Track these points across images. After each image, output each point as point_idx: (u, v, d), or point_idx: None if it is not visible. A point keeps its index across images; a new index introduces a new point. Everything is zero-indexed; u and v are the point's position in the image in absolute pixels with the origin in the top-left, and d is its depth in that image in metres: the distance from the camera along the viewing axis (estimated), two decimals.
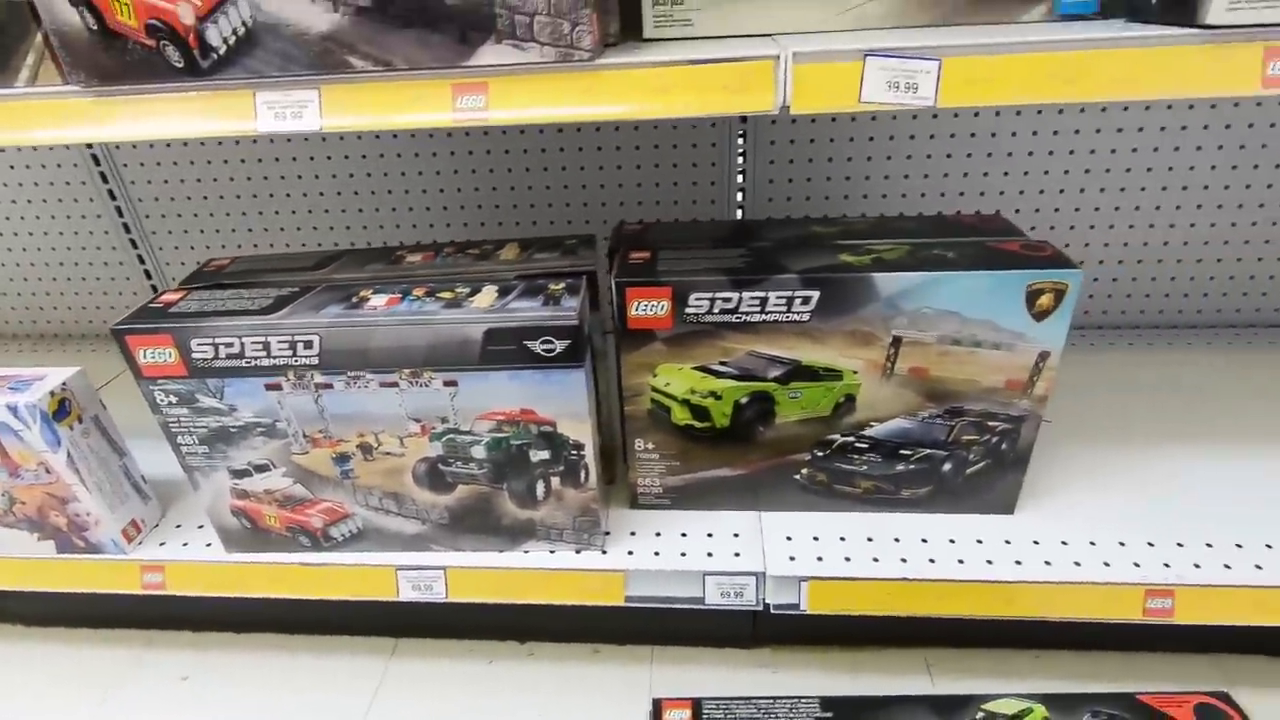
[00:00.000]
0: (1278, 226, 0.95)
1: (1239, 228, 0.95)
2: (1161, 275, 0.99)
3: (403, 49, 0.51)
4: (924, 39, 0.52)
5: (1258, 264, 0.98)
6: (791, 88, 0.50)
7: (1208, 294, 1.00)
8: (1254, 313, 1.02)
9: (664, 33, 0.61)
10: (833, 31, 0.59)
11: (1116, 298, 1.02)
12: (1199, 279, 0.99)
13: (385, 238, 1.03)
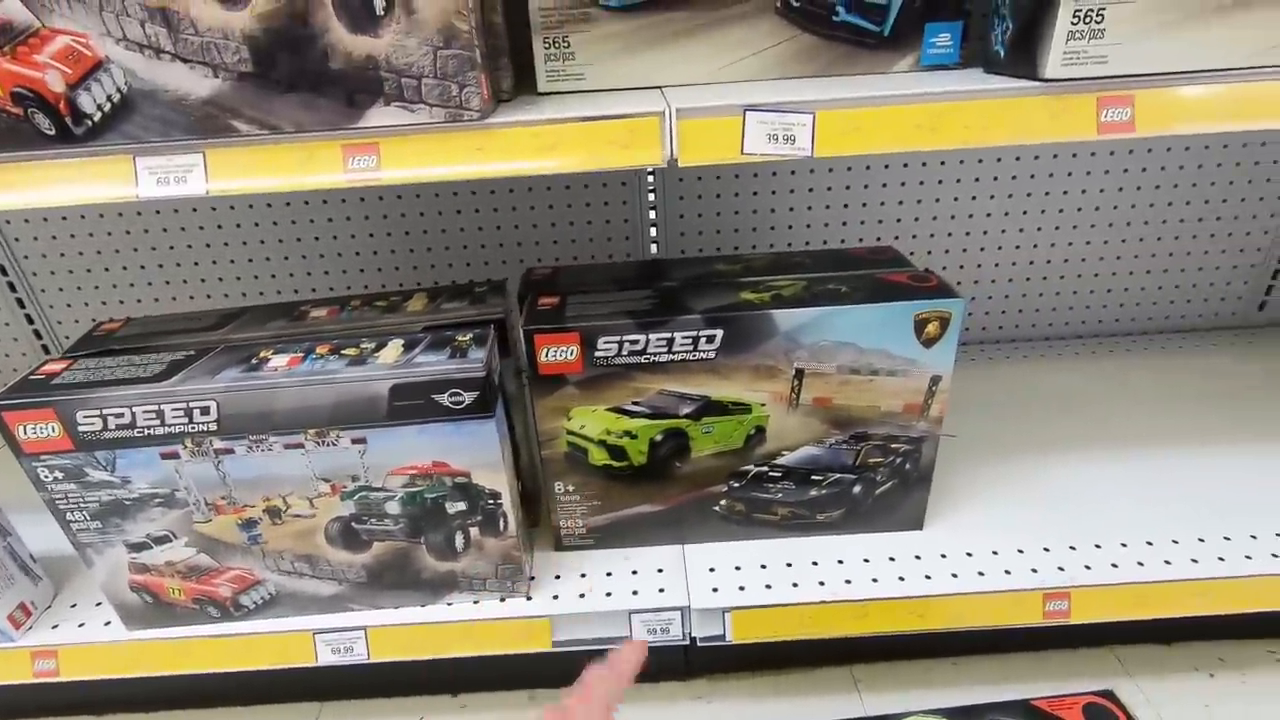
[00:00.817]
0: (1144, 243, 1.03)
1: (1110, 245, 1.03)
2: (1047, 290, 1.07)
3: (289, 113, 0.50)
4: (803, 91, 0.55)
5: (1129, 277, 1.06)
6: (677, 142, 0.52)
7: (1089, 306, 1.08)
8: (1130, 321, 1.10)
9: (557, 86, 0.62)
10: (718, 83, 0.62)
11: (1010, 313, 1.08)
12: (1081, 293, 1.07)
13: (290, 290, 1.00)
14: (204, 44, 0.48)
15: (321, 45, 0.48)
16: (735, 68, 0.62)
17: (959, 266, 1.04)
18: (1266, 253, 1.06)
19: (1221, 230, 1.04)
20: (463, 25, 0.48)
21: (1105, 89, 0.51)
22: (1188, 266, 1.07)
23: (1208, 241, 1.05)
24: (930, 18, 0.60)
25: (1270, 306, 1.11)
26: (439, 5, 0.47)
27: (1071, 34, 0.49)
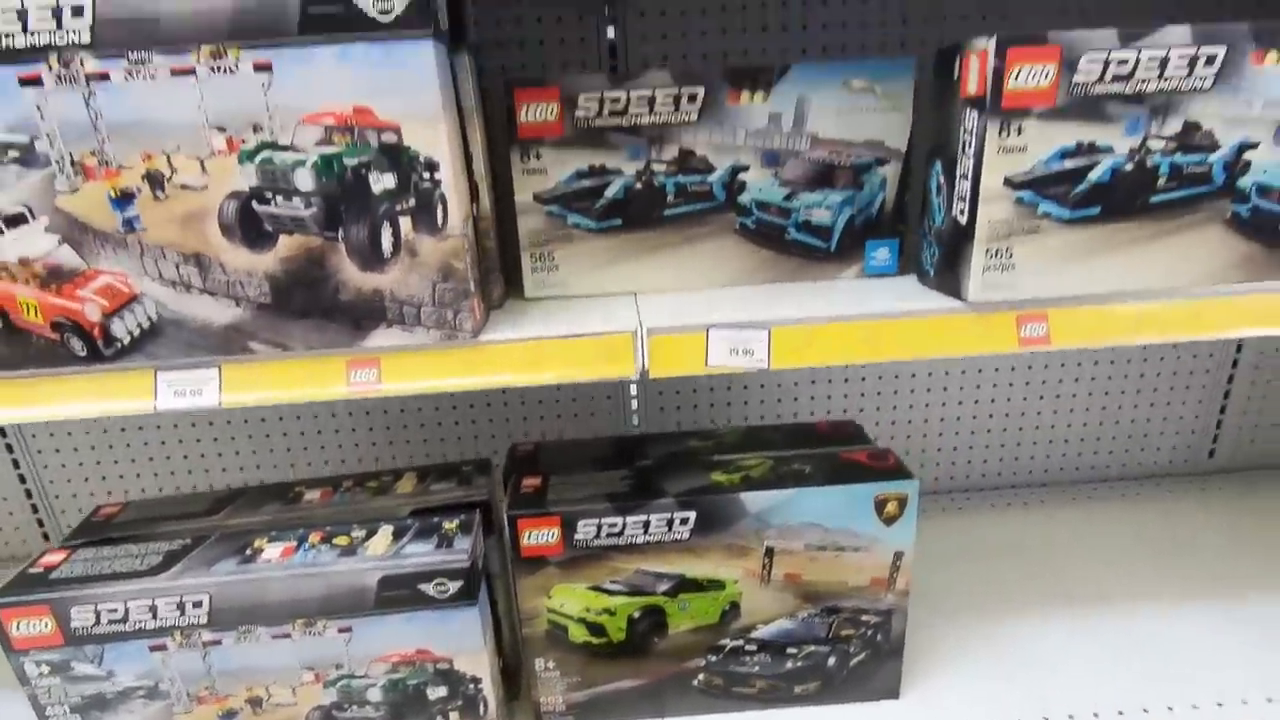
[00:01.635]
0: (1093, 396, 1.11)
1: (1062, 399, 1.10)
2: (1008, 441, 1.12)
3: (301, 335, 0.56)
4: (762, 300, 0.62)
5: (1084, 428, 1.12)
6: (649, 357, 0.58)
7: (1049, 455, 1.14)
8: (1089, 469, 1.15)
9: (542, 293, 0.69)
10: (687, 291, 0.69)
11: (974, 462, 1.14)
12: (1040, 442, 1.13)
13: (286, 465, 1.03)
14: (230, 281, 0.55)
15: (334, 282, 0.55)
16: (702, 277, 0.69)
17: (923, 420, 1.10)
18: (1207, 404, 1.14)
19: (1164, 383, 1.12)
20: (459, 264, 0.55)
21: (1022, 309, 0.59)
22: (1137, 417, 1.13)
23: (1151, 394, 1.12)
24: (870, 236, 0.69)
25: (1219, 453, 1.18)
26: (439, 250, 0.55)
27: (987, 267, 0.57)
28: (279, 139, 0.51)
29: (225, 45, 0.49)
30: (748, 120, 0.65)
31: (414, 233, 0.54)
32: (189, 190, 0.52)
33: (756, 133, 0.65)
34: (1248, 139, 0.56)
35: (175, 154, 0.51)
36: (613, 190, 0.66)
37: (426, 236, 0.54)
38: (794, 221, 0.68)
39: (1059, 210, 0.56)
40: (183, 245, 0.54)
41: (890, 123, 0.65)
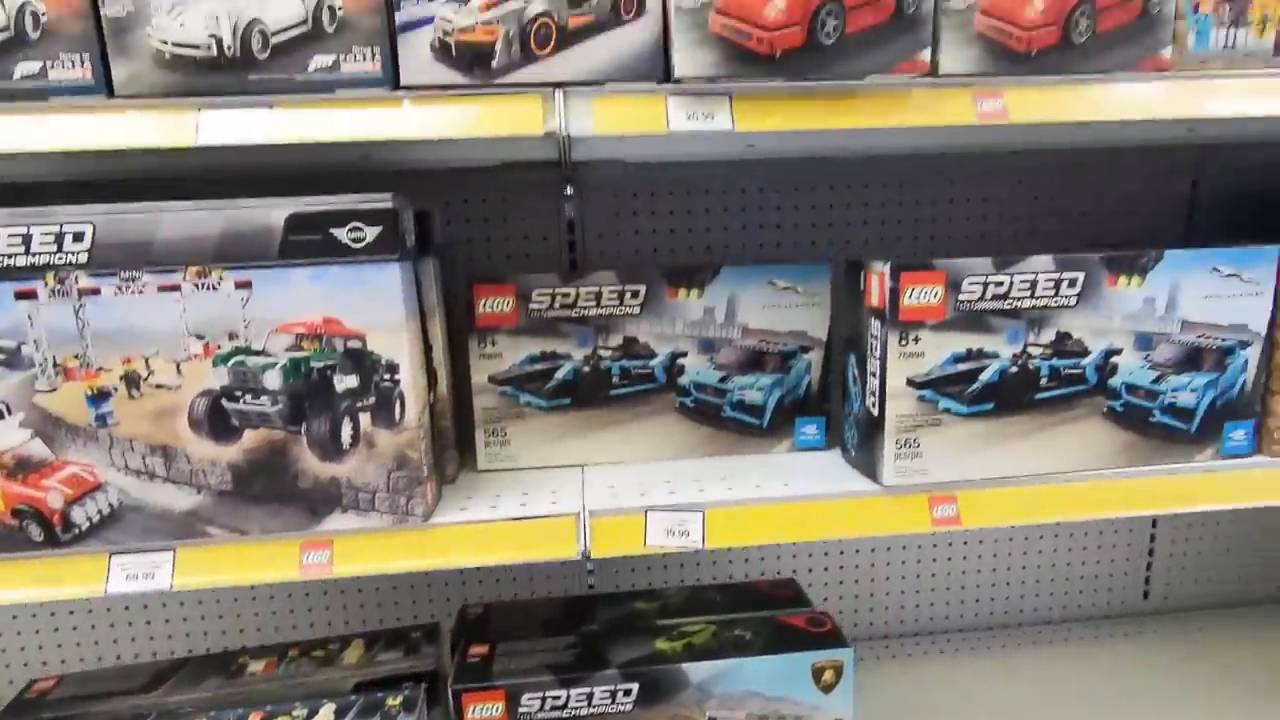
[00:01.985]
0: (1029, 540, 1.16)
1: (999, 543, 1.15)
2: (953, 584, 1.16)
3: (259, 520, 0.59)
4: (703, 473, 0.67)
5: (1023, 571, 1.17)
6: (590, 538, 0.62)
7: (994, 598, 1.17)
8: (1032, 612, 1.19)
9: (494, 465, 0.74)
10: (631, 464, 0.74)
11: (908, 608, 1.16)
12: (984, 586, 1.16)
13: (235, 630, 1.01)
14: (194, 470, 0.58)
15: (294, 471, 0.59)
16: (645, 451, 0.75)
17: (869, 567, 1.13)
18: (1136, 546, 1.19)
19: (1094, 528, 1.18)
20: (413, 454, 0.59)
21: (933, 492, 0.65)
22: (1073, 561, 1.18)
23: (1084, 538, 1.18)
24: (799, 414, 0.75)
25: (1152, 594, 1.22)
26: (396, 441, 0.59)
27: (898, 455, 0.64)
28: (252, 345, 0.56)
29: (210, 266, 0.55)
30: (685, 313, 0.72)
31: (372, 426, 0.59)
32: (163, 389, 0.56)
33: (693, 324, 0.73)
34: (1112, 345, 0.64)
35: (154, 358, 0.56)
36: (562, 373, 0.72)
37: (384, 430, 0.59)
38: (729, 401, 0.74)
39: (957, 406, 0.63)
40: (152, 438, 0.57)
41: (812, 316, 0.73)
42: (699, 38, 0.54)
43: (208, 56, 0.53)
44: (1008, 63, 0.58)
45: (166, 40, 0.52)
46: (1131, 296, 0.64)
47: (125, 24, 0.52)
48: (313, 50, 0.53)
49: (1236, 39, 0.59)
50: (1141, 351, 0.65)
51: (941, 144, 0.85)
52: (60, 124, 0.53)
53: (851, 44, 0.55)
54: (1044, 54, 0.58)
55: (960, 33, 0.57)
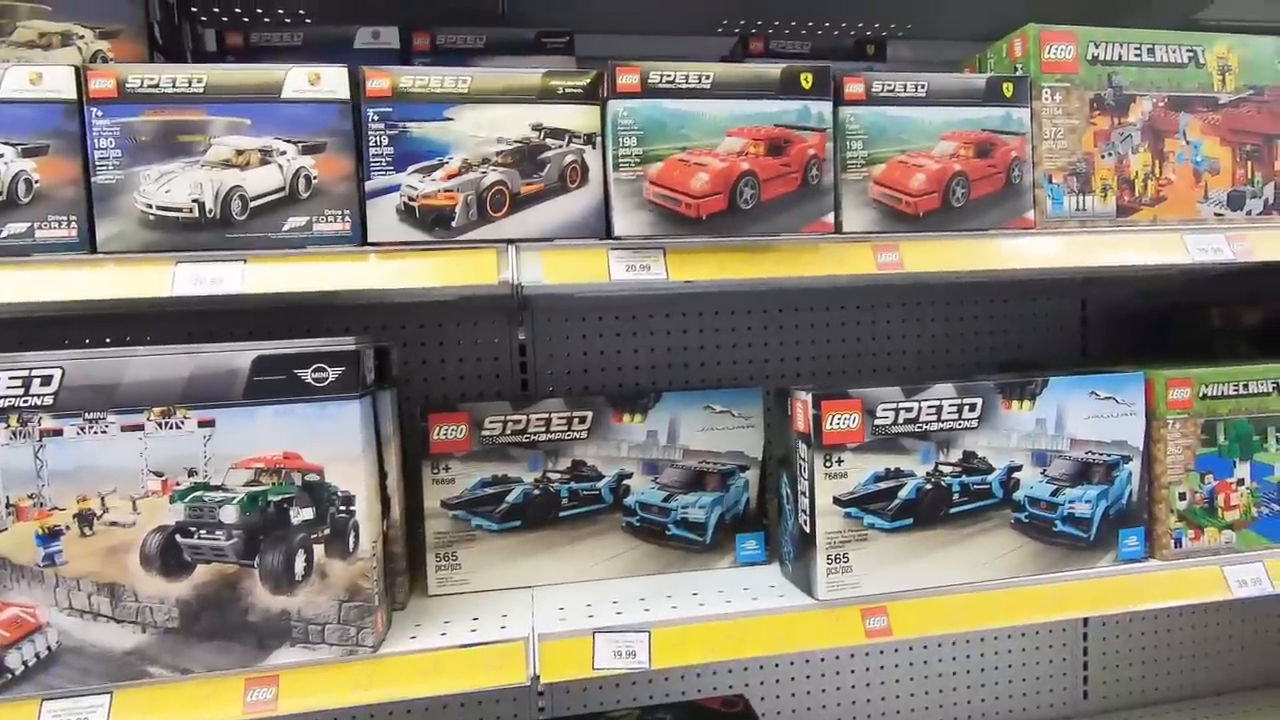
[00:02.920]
0: (956, 645, 1.19)
1: (943, 647, 1.18)
2: (886, 694, 1.17)
3: (203, 657, 0.59)
4: (648, 590, 0.70)
5: (952, 675, 1.19)
6: (539, 661, 0.63)
7: (938, 706, 1.19)
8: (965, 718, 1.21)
9: (445, 589, 0.75)
10: (580, 582, 0.76)
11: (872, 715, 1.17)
12: (931, 693, 1.18)
13: None
14: (140, 608, 0.58)
15: (244, 605, 0.59)
16: (593, 569, 0.77)
17: (818, 675, 1.14)
18: (1071, 646, 1.24)
19: (1029, 629, 1.22)
20: (366, 584, 0.61)
21: (865, 604, 0.69)
22: (1013, 662, 1.22)
23: (1020, 639, 1.22)
24: (739, 530, 0.79)
25: (1092, 695, 1.26)
26: (349, 572, 0.61)
27: (830, 570, 0.68)
28: (211, 480, 0.59)
29: (175, 406, 0.58)
30: (630, 436, 0.77)
31: (326, 557, 0.60)
32: (117, 527, 0.57)
33: (637, 446, 0.77)
34: (1013, 462, 0.72)
35: (110, 495, 0.57)
36: (513, 496, 0.75)
37: (338, 560, 0.60)
38: (673, 519, 0.78)
39: (880, 522, 0.69)
40: (100, 576, 0.57)
41: (747, 437, 0.79)
42: (635, 203, 0.62)
43: (190, 218, 0.58)
44: (900, 223, 0.68)
45: (151, 204, 0.57)
46: (1025, 419, 0.71)
47: (114, 189, 0.57)
48: (288, 213, 0.59)
49: (1085, 203, 0.71)
50: (1039, 467, 0.72)
51: None
52: (40, 277, 0.57)
53: (767, 209, 0.64)
54: (929, 215, 0.68)
55: (858, 198, 0.67)
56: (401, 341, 0.96)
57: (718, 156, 0.62)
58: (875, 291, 1.04)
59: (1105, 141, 0.71)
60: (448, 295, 0.87)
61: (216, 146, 0.57)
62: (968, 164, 0.68)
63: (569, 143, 0.62)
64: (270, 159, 0.58)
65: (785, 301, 1.04)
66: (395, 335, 0.95)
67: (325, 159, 0.59)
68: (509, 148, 0.62)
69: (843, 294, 1.04)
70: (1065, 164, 0.71)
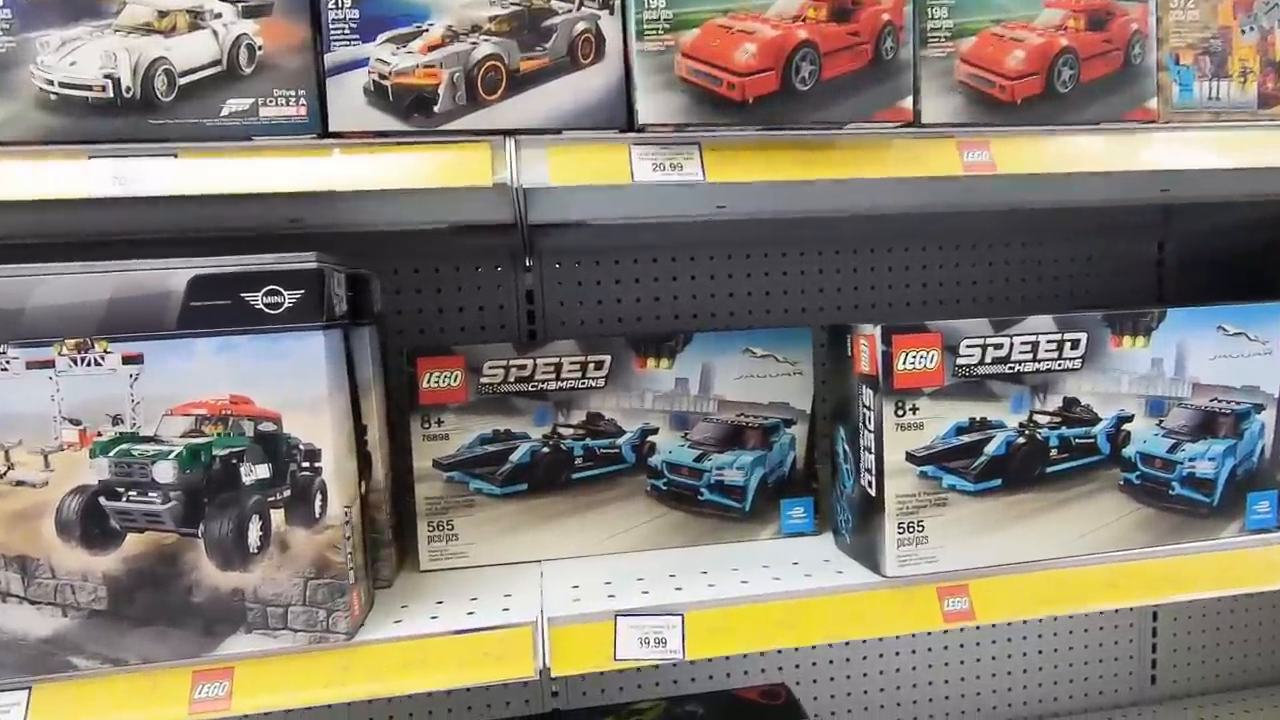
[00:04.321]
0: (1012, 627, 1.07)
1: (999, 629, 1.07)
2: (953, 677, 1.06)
3: (138, 647, 0.48)
4: (678, 565, 0.58)
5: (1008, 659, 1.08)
6: (550, 651, 0.52)
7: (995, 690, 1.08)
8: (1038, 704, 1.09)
9: (438, 563, 0.64)
10: (596, 556, 0.65)
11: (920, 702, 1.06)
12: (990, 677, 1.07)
13: None
14: (59, 586, 0.47)
15: (187, 582, 0.48)
16: (613, 541, 0.66)
17: (861, 660, 1.03)
18: (1140, 627, 1.12)
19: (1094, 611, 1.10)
20: (336, 557, 0.50)
21: (942, 582, 0.57)
22: (1075, 644, 1.10)
23: (1084, 620, 1.10)
24: (785, 495, 0.68)
25: (1160, 680, 1.14)
26: (315, 542, 0.49)
27: (901, 541, 0.56)
28: (141, 430, 0.47)
29: (94, 338, 0.46)
30: (655, 385, 0.65)
31: (286, 525, 0.49)
32: (25, 487, 0.46)
33: (664, 397, 0.65)
34: (1123, 412, 0.59)
35: (15, 449, 0.46)
36: (518, 455, 0.64)
37: (300, 528, 0.49)
38: (706, 482, 0.66)
39: (962, 483, 0.56)
40: (6, 547, 0.47)
41: (794, 386, 0.67)
42: (664, 82, 0.49)
43: (102, 99, 0.46)
44: (991, 111, 0.55)
45: (52, 80, 0.45)
46: (1138, 358, 0.59)
47: (3, 61, 0.45)
48: (227, 93, 0.47)
49: (1220, 90, 0.57)
50: (1154, 417, 0.59)
51: (910, 202, 0.82)
52: None
53: (828, 90, 0.51)
54: (1028, 103, 0.55)
55: (941, 80, 0.54)
56: (393, 289, 0.84)
57: (768, 21, 0.49)
58: (918, 226, 0.91)
59: (1246, 13, 0.57)
60: (437, 223, 0.75)
61: (133, 6, 0.45)
62: (1077, 38, 0.55)
63: (580, 6, 0.50)
64: (202, 23, 0.46)
65: (823, 239, 0.90)
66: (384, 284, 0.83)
67: (272, 24, 0.47)
68: (505, 12, 0.49)
69: (889, 227, 0.91)
70: (1196, 41, 0.57)
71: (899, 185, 0.61)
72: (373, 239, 0.78)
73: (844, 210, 0.81)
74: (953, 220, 0.90)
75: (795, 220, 0.85)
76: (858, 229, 0.88)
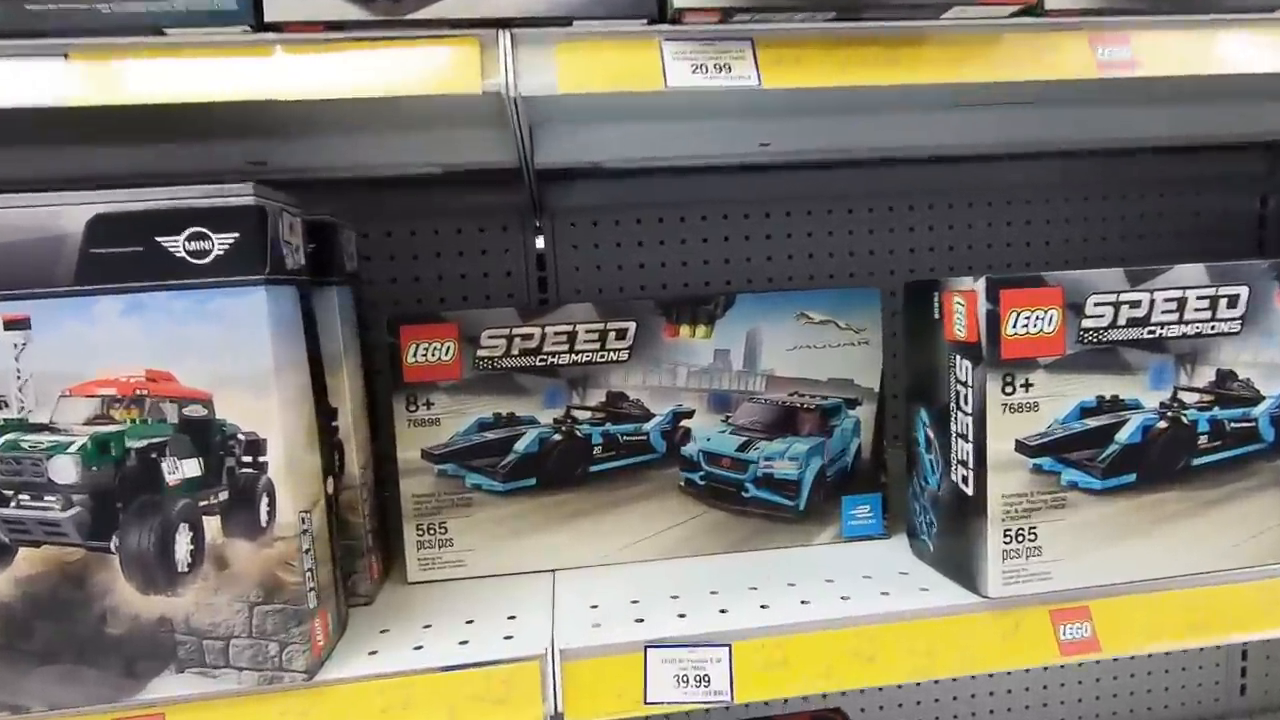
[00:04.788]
0: None
1: None
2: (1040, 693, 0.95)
3: (40, 691, 0.38)
4: (721, 574, 0.47)
5: (1095, 665, 0.96)
6: (563, 692, 0.41)
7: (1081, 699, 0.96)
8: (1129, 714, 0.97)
9: (429, 574, 0.53)
10: (618, 564, 0.54)
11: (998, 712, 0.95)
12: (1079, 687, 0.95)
13: None
14: None
15: (99, 609, 0.38)
16: (639, 547, 0.54)
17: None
18: None
19: None
20: (290, 576, 0.39)
21: (1060, 603, 0.45)
22: (1162, 654, 0.98)
23: None
24: (846, 491, 0.56)
25: (1251, 691, 1.02)
26: (261, 558, 0.39)
27: (1007, 553, 0.44)
28: (31, 415, 0.37)
29: None
30: (690, 358, 0.54)
31: (224, 536, 0.38)
32: None
33: (701, 373, 0.54)
34: None
35: None
36: (524, 443, 0.53)
37: (242, 540, 0.39)
38: (752, 476, 0.55)
39: (1087, 479, 0.44)
40: None
41: (859, 358, 0.55)
42: None
43: None
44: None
45: None
46: None
47: None
48: None
49: None
50: None
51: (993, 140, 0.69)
52: None
53: None
54: None
55: None
56: (387, 254, 0.73)
57: None
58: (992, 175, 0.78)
59: None
60: (425, 167, 0.63)
61: None
62: None
63: None
64: None
65: (904, 195, 0.77)
66: (373, 249, 0.72)
67: None
68: None
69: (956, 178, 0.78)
70: None
71: (1009, 88, 0.48)
72: (358, 194, 0.67)
73: (903, 150, 0.68)
74: (1028, 169, 0.77)
75: (850, 165, 0.72)
76: (913, 178, 0.75)
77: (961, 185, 0.78)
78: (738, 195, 0.76)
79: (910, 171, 0.75)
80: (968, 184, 0.78)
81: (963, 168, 0.74)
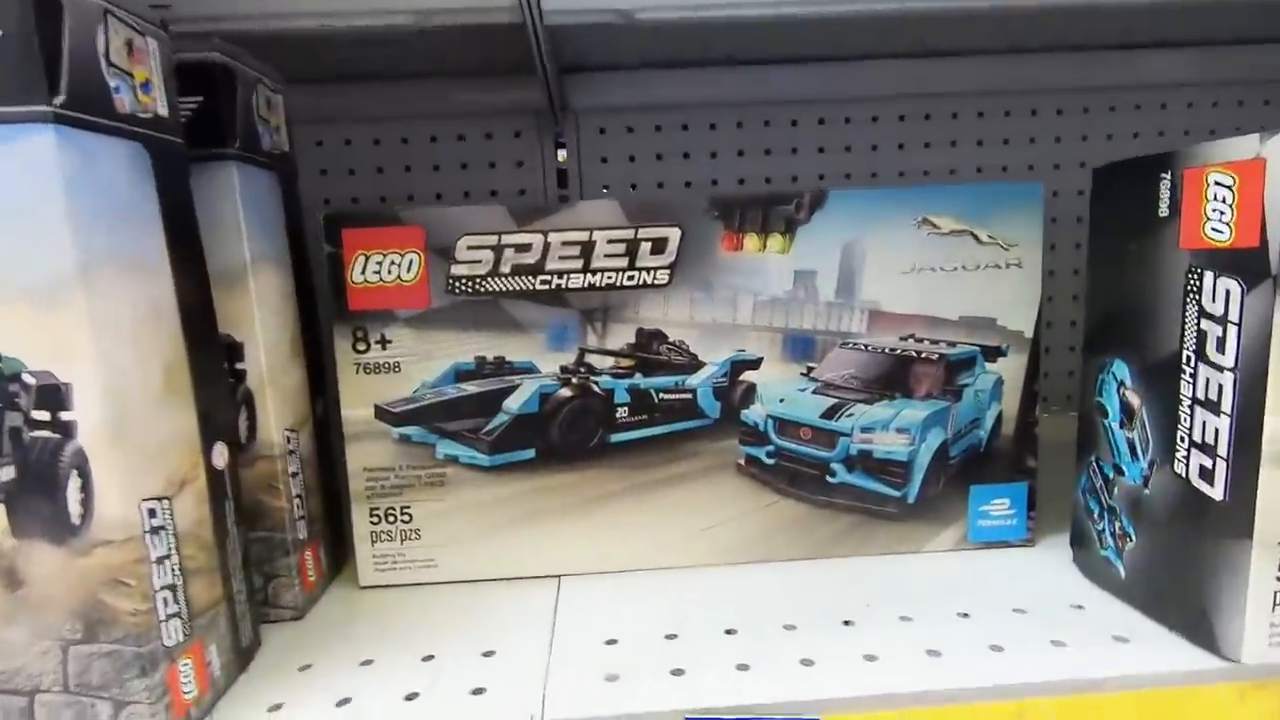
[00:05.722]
0: None
1: None
2: None
3: None
4: (798, 592, 0.31)
5: None
6: None
7: None
8: None
9: (391, 577, 0.38)
10: (645, 570, 0.39)
11: None
12: None
13: None
14: None
15: None
16: (677, 549, 0.39)
17: None
18: None
19: None
20: (125, 603, 0.25)
21: None
22: None
23: None
24: (977, 478, 0.39)
25: None
26: (76, 571, 0.24)
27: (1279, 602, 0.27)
28: None
29: None
30: (757, 283, 0.37)
31: (14, 538, 0.24)
32: None
33: (773, 303, 0.37)
34: None
35: None
36: (520, 401, 0.37)
37: (44, 545, 0.24)
38: (843, 453, 0.38)
39: None
40: None
41: (1007, 288, 0.38)
42: None
43: None
44: None
45: None
46: None
47: None
48: None
49: None
50: None
51: None
52: None
53: None
54: None
55: None
56: (374, 165, 0.58)
57: None
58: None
59: None
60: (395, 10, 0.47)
61: None
62: None
63: None
64: None
65: (1033, 98, 0.58)
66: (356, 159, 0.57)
67: None
68: None
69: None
70: None
71: None
72: (350, 98, 0.51)
73: (1008, 9, 0.49)
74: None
75: (970, 14, 0.53)
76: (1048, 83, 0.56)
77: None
78: (812, 92, 0.57)
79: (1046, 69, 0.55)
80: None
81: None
